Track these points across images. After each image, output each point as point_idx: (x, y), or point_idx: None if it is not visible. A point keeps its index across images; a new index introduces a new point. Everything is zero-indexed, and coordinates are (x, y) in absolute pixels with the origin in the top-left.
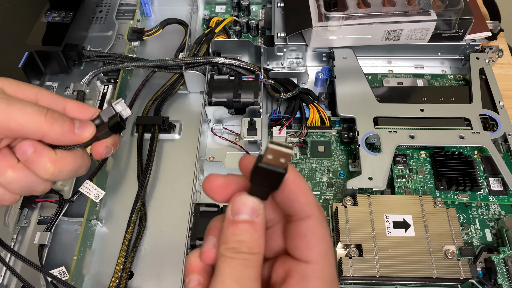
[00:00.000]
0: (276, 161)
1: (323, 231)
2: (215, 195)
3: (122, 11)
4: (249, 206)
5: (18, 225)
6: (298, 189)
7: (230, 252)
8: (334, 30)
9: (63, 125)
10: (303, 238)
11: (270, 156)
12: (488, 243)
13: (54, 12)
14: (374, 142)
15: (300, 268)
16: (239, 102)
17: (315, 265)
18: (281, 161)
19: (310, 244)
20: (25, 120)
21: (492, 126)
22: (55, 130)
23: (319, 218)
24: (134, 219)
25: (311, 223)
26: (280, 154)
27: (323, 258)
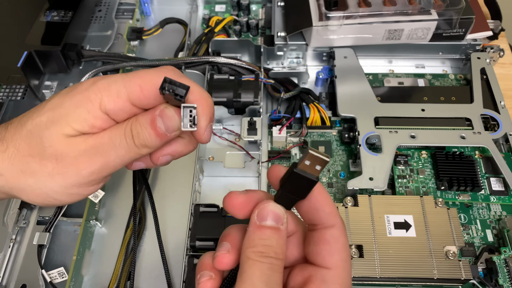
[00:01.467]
0: (311, 168)
1: (344, 240)
2: (237, 212)
3: (122, 11)
4: (275, 213)
5: (17, 226)
6: (323, 199)
7: (258, 255)
8: (335, 29)
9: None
10: (327, 244)
11: (308, 162)
12: (489, 243)
13: (53, 12)
14: (375, 142)
15: (320, 273)
16: (239, 102)
17: (335, 271)
18: (316, 168)
19: (332, 250)
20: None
21: (493, 126)
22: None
23: (342, 227)
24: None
25: (335, 232)
26: (317, 161)
27: (343, 265)
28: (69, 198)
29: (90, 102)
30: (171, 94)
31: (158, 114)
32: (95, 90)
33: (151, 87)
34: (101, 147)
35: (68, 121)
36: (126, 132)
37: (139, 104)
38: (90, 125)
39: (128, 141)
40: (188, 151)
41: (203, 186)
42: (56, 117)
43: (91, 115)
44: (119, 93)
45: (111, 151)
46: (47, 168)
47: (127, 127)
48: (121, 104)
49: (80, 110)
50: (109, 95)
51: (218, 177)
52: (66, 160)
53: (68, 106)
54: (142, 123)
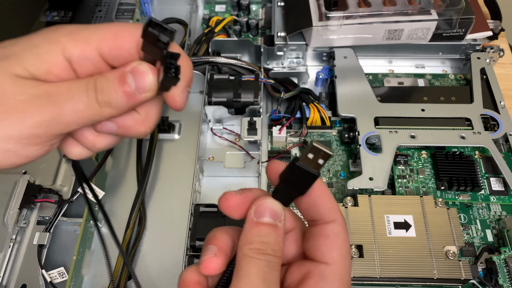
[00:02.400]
0: (313, 162)
1: (345, 235)
2: (233, 213)
3: (122, 11)
4: (272, 210)
5: (17, 226)
6: (323, 194)
7: (255, 252)
8: (335, 29)
9: (116, 94)
10: (327, 239)
11: (311, 155)
12: (489, 243)
13: (53, 12)
14: (375, 142)
15: (319, 269)
16: (239, 102)
17: (334, 266)
18: (319, 162)
19: (332, 245)
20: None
21: (493, 126)
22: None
23: (343, 223)
24: (133, 220)
25: (335, 227)
26: (320, 154)
27: (342, 261)
28: (5, 157)
29: (52, 44)
30: (154, 37)
31: (129, 70)
32: (60, 32)
33: (127, 36)
34: (55, 95)
35: (20, 60)
36: (89, 85)
37: (109, 55)
38: (47, 70)
39: (90, 95)
40: (137, 131)
41: (203, 186)
42: (8, 53)
43: (50, 57)
44: (89, 39)
45: (68, 102)
46: None
47: (91, 80)
48: (88, 52)
49: (37, 49)
50: (75, 40)
51: (218, 177)
52: (8, 103)
53: (22, 45)
54: (109, 77)
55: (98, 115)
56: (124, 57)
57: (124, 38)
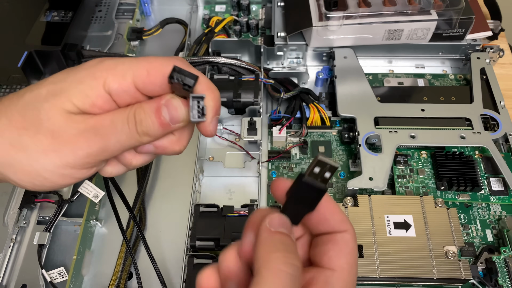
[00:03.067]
0: (320, 176)
1: (354, 245)
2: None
3: (122, 11)
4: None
5: (17, 226)
6: (332, 207)
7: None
8: (335, 29)
9: (153, 125)
10: (336, 245)
11: (317, 169)
12: (489, 243)
13: (53, 12)
14: (375, 142)
15: (324, 275)
16: (239, 102)
17: (340, 273)
18: (325, 176)
19: (341, 252)
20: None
21: (493, 126)
22: (151, 138)
23: (353, 234)
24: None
25: (346, 235)
26: (327, 168)
27: (349, 269)
28: (61, 180)
29: (94, 79)
30: (180, 83)
31: (163, 103)
32: (100, 68)
33: (158, 73)
34: (101, 129)
35: (69, 96)
36: (129, 118)
37: (143, 89)
38: (91, 103)
39: (130, 127)
40: (173, 150)
41: (203, 186)
42: (57, 90)
43: (94, 92)
44: (125, 74)
45: (112, 135)
46: (41, 144)
47: (131, 113)
48: (125, 86)
49: (82, 86)
50: (114, 75)
51: (218, 177)
52: (63, 137)
53: (70, 81)
54: (146, 110)
55: (138, 142)
56: (156, 90)
57: (156, 74)
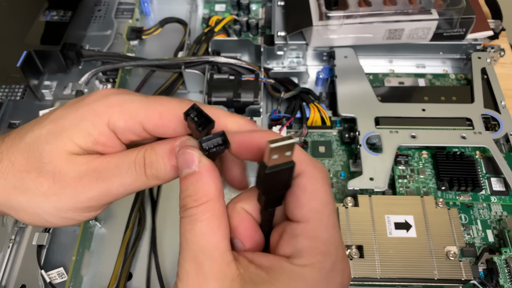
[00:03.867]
0: (281, 159)
1: (314, 187)
2: None
3: (121, 10)
4: (184, 159)
5: (16, 226)
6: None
7: (182, 212)
8: (335, 29)
9: (164, 167)
10: (293, 195)
11: (276, 156)
12: (490, 244)
13: (52, 11)
14: (375, 142)
15: (290, 228)
16: (239, 101)
17: (305, 224)
18: (286, 155)
19: (299, 202)
20: (128, 191)
21: (494, 126)
22: (160, 181)
23: (312, 174)
24: (133, 220)
25: (301, 180)
26: (284, 148)
27: (316, 217)
28: (62, 222)
29: (97, 116)
30: (194, 122)
31: (178, 145)
32: (105, 104)
33: (172, 116)
34: (104, 172)
35: (70, 135)
36: (138, 160)
37: (153, 131)
38: (94, 141)
39: (138, 170)
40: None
41: None
42: (58, 130)
43: (96, 130)
44: (135, 114)
45: (115, 178)
46: (42, 187)
47: (139, 154)
48: (132, 125)
49: (84, 123)
50: (121, 113)
51: None
52: (64, 180)
53: (72, 119)
54: (158, 152)
55: (145, 185)
56: (169, 133)
57: (170, 118)
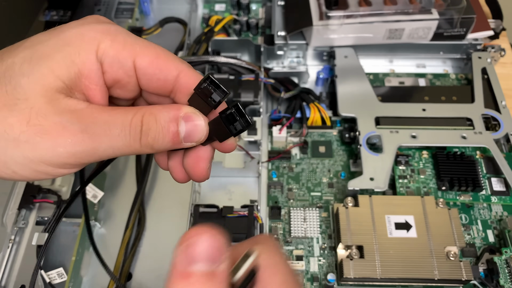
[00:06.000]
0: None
1: None
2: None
3: (121, 10)
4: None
5: (16, 226)
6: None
7: None
8: (335, 29)
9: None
10: None
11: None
12: (490, 244)
13: (52, 11)
14: (376, 142)
15: None
16: (239, 101)
17: None
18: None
19: None
20: (115, 154)
21: (494, 126)
22: (153, 151)
23: None
24: (133, 220)
25: None
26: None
27: None
28: (32, 175)
29: (84, 41)
30: (208, 92)
31: (182, 117)
32: (96, 29)
33: (170, 62)
34: (92, 126)
35: (50, 65)
36: (134, 123)
37: (144, 71)
38: (77, 72)
39: (132, 135)
40: None
41: (203, 187)
42: (35, 57)
43: (82, 58)
44: (127, 44)
45: (104, 138)
46: (12, 130)
47: (137, 117)
48: (123, 56)
49: (69, 48)
50: (113, 40)
51: (218, 177)
52: (42, 124)
53: (53, 44)
54: (159, 119)
55: (135, 153)
56: (158, 79)
57: (167, 62)
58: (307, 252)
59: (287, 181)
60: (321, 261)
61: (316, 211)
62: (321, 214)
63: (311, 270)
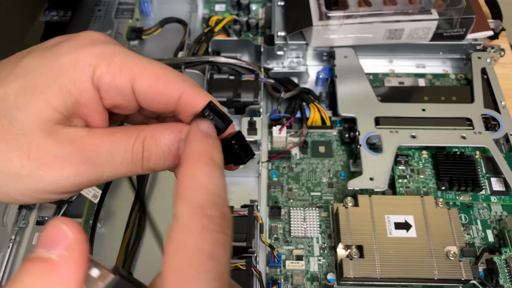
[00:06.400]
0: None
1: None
2: None
3: (121, 10)
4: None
5: (16, 226)
6: None
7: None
8: (335, 29)
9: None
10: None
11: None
12: (490, 244)
13: (52, 11)
14: (375, 142)
15: None
16: (239, 101)
17: None
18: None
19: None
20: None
21: (494, 126)
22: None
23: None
24: (133, 220)
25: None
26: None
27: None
28: (34, 201)
29: (79, 68)
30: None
31: (184, 139)
32: (91, 53)
33: (171, 84)
34: (94, 157)
35: (46, 97)
36: (135, 149)
37: (143, 96)
38: (75, 102)
39: (134, 161)
40: None
41: None
42: (30, 89)
43: (78, 86)
44: (125, 68)
45: (108, 167)
46: (12, 165)
47: (138, 143)
48: (120, 82)
49: (64, 79)
50: (109, 65)
51: None
52: (43, 159)
53: (47, 73)
54: (159, 142)
55: (138, 174)
56: (159, 103)
57: (167, 84)
58: (307, 252)
59: (287, 181)
60: (321, 261)
61: (316, 211)
62: (321, 214)
63: (311, 270)
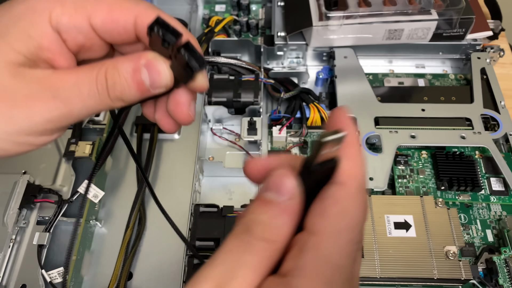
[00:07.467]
0: (328, 154)
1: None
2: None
3: None
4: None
5: (17, 226)
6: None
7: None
8: (335, 29)
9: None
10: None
11: (325, 151)
12: (489, 243)
13: None
14: (375, 142)
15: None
16: (239, 101)
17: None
18: (334, 149)
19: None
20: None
21: (493, 126)
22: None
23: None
24: (133, 220)
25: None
26: (334, 143)
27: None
28: (16, 148)
29: (35, 13)
30: (159, 38)
31: (143, 64)
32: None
33: (124, 10)
34: (63, 91)
35: (8, 41)
36: (99, 79)
37: (101, 28)
38: (37, 45)
39: (100, 91)
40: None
41: (203, 186)
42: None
43: (37, 30)
44: (78, 7)
45: (76, 99)
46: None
47: (101, 73)
48: (78, 21)
49: (22, 23)
50: (63, 6)
51: (218, 177)
52: (14, 98)
53: (6, 20)
54: (121, 72)
55: (110, 107)
56: (118, 32)
57: (121, 12)
58: None
59: None
60: None
61: None
62: None
63: None
